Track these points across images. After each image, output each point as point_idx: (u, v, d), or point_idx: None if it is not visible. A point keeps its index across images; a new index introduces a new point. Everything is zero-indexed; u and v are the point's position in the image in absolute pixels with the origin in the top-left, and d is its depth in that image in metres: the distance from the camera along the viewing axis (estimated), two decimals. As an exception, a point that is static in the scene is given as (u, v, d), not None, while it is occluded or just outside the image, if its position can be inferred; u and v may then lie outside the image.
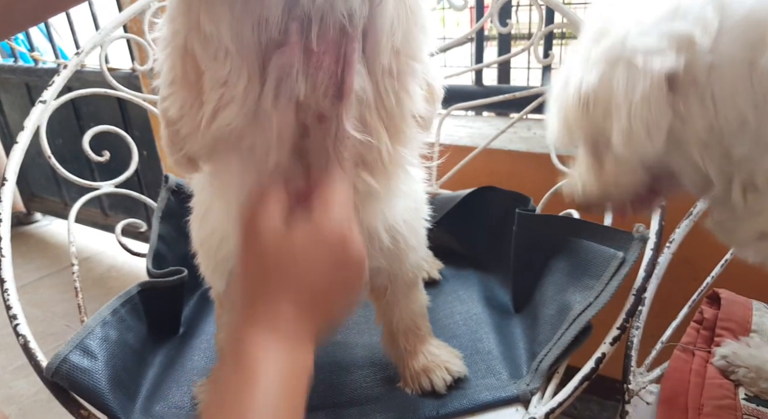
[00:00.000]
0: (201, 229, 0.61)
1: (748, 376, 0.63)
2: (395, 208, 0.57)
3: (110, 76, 0.96)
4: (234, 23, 0.39)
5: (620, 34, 0.47)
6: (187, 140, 0.45)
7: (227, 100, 0.41)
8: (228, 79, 0.41)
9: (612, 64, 0.47)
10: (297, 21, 0.38)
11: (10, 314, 0.68)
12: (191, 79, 0.43)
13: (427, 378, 0.68)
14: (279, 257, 0.41)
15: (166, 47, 0.45)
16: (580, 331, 0.66)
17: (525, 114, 1.00)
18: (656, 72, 0.44)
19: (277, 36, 0.39)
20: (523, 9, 1.25)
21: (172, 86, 0.45)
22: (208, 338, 0.84)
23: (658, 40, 0.45)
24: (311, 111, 0.43)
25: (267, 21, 0.38)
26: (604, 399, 1.22)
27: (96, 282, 1.97)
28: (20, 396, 1.46)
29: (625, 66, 0.46)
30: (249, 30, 0.39)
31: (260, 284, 0.41)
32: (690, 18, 0.44)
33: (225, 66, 0.40)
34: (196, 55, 0.42)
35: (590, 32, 0.51)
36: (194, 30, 0.41)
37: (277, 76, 0.40)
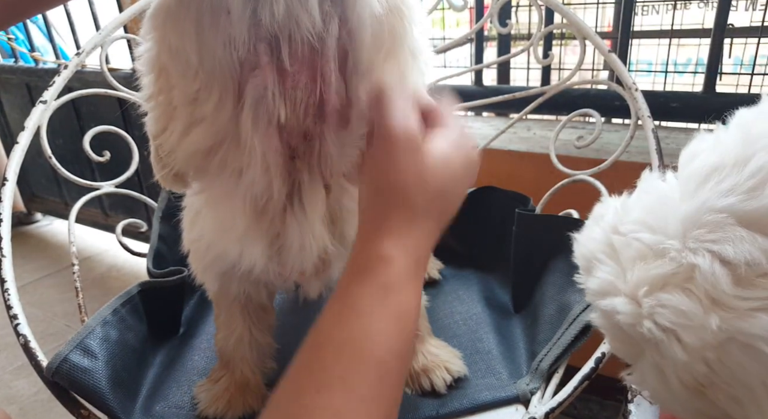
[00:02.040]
0: (191, 230, 0.62)
1: None
2: None
3: (111, 77, 0.96)
4: (203, 40, 0.38)
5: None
6: (170, 155, 0.45)
7: (198, 117, 0.40)
8: (198, 96, 0.40)
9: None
10: (264, 41, 0.37)
11: (10, 314, 0.68)
12: (165, 95, 0.42)
13: (426, 378, 0.68)
14: (441, 178, 0.41)
15: (145, 61, 0.44)
16: (580, 331, 0.66)
17: (525, 114, 1.00)
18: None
19: (248, 56, 0.38)
20: (523, 9, 1.25)
21: (150, 101, 0.44)
22: (208, 338, 0.84)
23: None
24: (295, 131, 0.42)
25: (235, 40, 0.37)
26: (604, 398, 1.22)
27: (96, 282, 1.97)
28: (20, 395, 1.46)
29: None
30: (220, 48, 0.38)
31: (417, 203, 0.40)
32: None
33: (194, 83, 0.39)
34: (169, 71, 0.41)
35: None
36: (165, 45, 0.40)
37: (253, 100, 0.39)
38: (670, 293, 0.31)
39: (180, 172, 0.47)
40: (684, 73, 1.21)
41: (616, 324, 0.35)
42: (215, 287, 0.65)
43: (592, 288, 0.37)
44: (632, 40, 1.09)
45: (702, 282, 0.30)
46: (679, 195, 0.35)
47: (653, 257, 0.33)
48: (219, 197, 0.50)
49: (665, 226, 0.33)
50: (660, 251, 0.33)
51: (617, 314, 0.34)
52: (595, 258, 0.37)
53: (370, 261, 0.38)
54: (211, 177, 0.48)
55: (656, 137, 0.80)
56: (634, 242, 0.34)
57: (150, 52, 0.42)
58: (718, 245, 0.30)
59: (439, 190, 0.40)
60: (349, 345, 0.35)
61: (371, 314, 0.36)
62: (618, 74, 0.86)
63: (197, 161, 0.44)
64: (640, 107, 0.83)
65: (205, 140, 0.41)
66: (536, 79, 1.23)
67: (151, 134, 0.46)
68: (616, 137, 1.11)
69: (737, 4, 1.06)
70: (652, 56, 1.23)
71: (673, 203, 0.34)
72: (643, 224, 0.35)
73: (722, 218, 0.31)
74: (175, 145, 0.42)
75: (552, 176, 0.90)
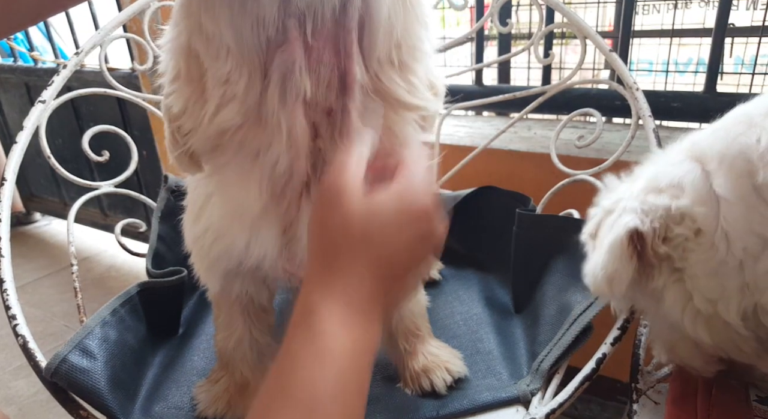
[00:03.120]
0: (194, 227, 0.61)
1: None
2: None
3: (110, 76, 0.96)
4: (233, 22, 0.39)
5: (621, 194, 0.52)
6: (190, 136, 0.46)
7: (229, 97, 0.42)
8: (229, 77, 0.41)
9: (605, 212, 0.53)
10: (294, 18, 0.38)
11: (9, 314, 0.68)
12: (194, 77, 0.43)
13: (427, 379, 0.68)
14: (367, 222, 0.38)
15: (170, 46, 0.45)
16: (581, 331, 0.65)
17: (525, 114, 1.00)
18: (622, 227, 0.47)
19: (275, 34, 0.39)
20: (524, 9, 1.25)
21: (175, 83, 0.45)
22: (207, 338, 0.83)
23: (638, 204, 0.48)
24: (319, 108, 0.43)
25: (264, 20, 0.38)
26: (605, 399, 1.21)
27: (95, 282, 1.97)
28: (19, 396, 1.46)
29: (610, 216, 0.51)
30: (248, 29, 0.39)
31: (341, 248, 0.39)
32: (663, 185, 0.48)
33: (226, 65, 0.40)
34: (199, 55, 0.42)
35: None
36: (196, 31, 0.41)
37: (280, 75, 0.40)
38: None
39: (195, 153, 0.48)
40: (685, 72, 1.21)
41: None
42: (217, 287, 0.65)
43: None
44: (633, 39, 1.09)
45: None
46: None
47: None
48: (233, 180, 0.51)
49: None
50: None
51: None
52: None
53: (301, 309, 0.38)
54: (226, 158, 0.48)
55: (657, 136, 0.80)
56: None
57: (179, 39, 0.43)
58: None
59: (364, 236, 0.38)
60: (281, 389, 0.36)
61: (299, 358, 0.36)
62: (619, 74, 0.86)
63: (220, 140, 0.45)
64: (641, 106, 0.83)
65: (235, 117, 0.42)
66: (537, 78, 1.23)
67: (170, 115, 0.47)
68: (617, 136, 1.11)
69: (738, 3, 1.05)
70: (653, 56, 1.23)
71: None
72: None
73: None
74: (206, 124, 0.43)
75: (552, 175, 0.90)
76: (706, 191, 0.46)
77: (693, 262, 0.47)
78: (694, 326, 0.49)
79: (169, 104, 0.46)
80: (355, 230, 0.38)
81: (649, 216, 0.47)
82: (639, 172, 0.55)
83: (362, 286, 0.38)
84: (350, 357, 0.36)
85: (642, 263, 0.48)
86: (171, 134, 0.48)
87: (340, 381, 0.35)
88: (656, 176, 0.49)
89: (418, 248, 0.41)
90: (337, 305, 0.38)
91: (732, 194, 0.45)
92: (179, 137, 0.47)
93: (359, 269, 0.39)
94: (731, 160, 0.45)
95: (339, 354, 0.36)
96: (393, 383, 0.71)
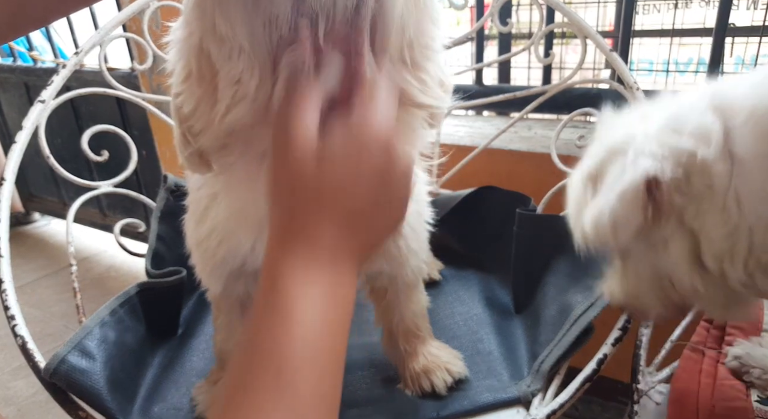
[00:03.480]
0: (198, 229, 0.61)
1: (763, 378, 0.62)
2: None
3: (109, 76, 0.96)
4: (247, 22, 0.39)
5: (630, 132, 0.48)
6: (200, 136, 0.45)
7: (240, 97, 0.41)
8: (241, 77, 0.41)
9: (611, 152, 0.48)
10: (306, 17, 0.38)
11: (8, 314, 0.68)
12: (206, 77, 0.43)
13: (427, 379, 0.68)
14: (316, 169, 0.36)
15: (181, 46, 0.45)
16: (582, 332, 0.65)
17: (525, 114, 1.00)
18: (640, 173, 0.44)
19: (286, 33, 0.39)
20: (524, 8, 1.25)
21: (186, 83, 0.45)
22: (206, 339, 0.83)
23: (657, 147, 0.45)
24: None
25: (277, 19, 0.38)
26: (606, 400, 1.21)
27: (95, 283, 1.96)
28: (18, 397, 1.45)
29: (620, 157, 0.47)
30: (260, 28, 0.39)
31: (295, 203, 0.37)
32: (689, 130, 0.44)
33: (239, 65, 0.40)
34: (211, 55, 0.42)
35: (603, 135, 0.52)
36: (209, 32, 0.41)
37: (288, 74, 0.40)
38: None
39: (205, 153, 0.48)
40: (685, 72, 1.21)
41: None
42: (219, 288, 0.65)
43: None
44: (633, 39, 1.09)
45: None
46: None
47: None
48: (240, 180, 0.51)
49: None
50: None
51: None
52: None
53: (264, 275, 0.37)
54: (233, 158, 0.48)
55: (658, 136, 0.80)
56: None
57: (191, 39, 0.43)
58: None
59: (317, 185, 0.36)
60: (249, 357, 0.35)
61: (264, 324, 0.35)
62: (619, 73, 0.86)
63: (228, 140, 0.45)
64: (641, 106, 0.83)
65: (246, 116, 0.42)
66: (537, 78, 1.23)
67: (180, 115, 0.46)
68: (617, 136, 1.10)
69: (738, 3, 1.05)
70: (653, 55, 1.23)
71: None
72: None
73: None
74: (217, 123, 0.43)
75: (553, 175, 0.89)
76: (723, 148, 0.43)
77: (704, 219, 0.44)
78: (691, 277, 0.47)
79: (179, 104, 0.46)
80: (307, 181, 0.36)
81: (669, 162, 0.43)
82: (646, 110, 0.50)
83: (324, 235, 0.37)
84: (319, 319, 0.35)
85: (653, 211, 0.45)
86: (181, 135, 0.48)
87: (308, 339, 0.34)
88: (678, 119, 0.45)
89: (381, 186, 0.38)
90: (299, 263, 0.36)
91: (752, 156, 0.42)
92: (190, 137, 0.47)
93: (317, 222, 0.37)
94: (762, 117, 0.41)
95: (304, 313, 0.35)
96: (393, 384, 0.71)
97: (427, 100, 0.46)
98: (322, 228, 0.37)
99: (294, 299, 0.35)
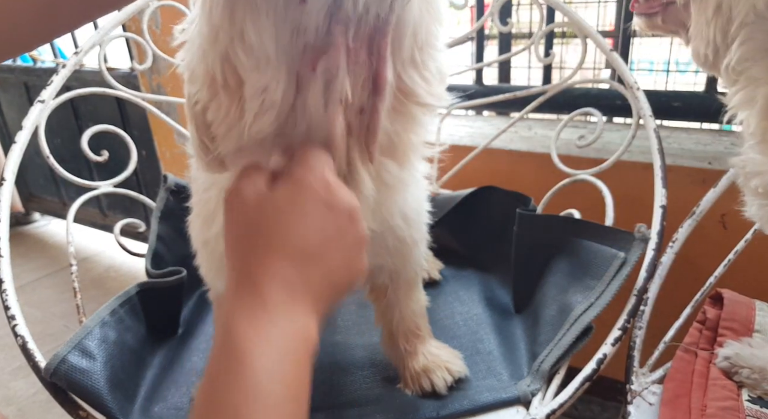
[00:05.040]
0: (205, 229, 0.61)
1: (752, 377, 0.63)
2: (408, 196, 0.58)
3: (109, 76, 0.96)
4: (276, 31, 0.39)
5: None
6: (221, 142, 0.46)
7: (267, 106, 0.42)
8: (268, 86, 0.41)
9: None
10: (341, 24, 0.39)
11: (8, 314, 0.68)
12: (231, 86, 0.43)
13: (427, 379, 0.68)
14: (261, 214, 0.38)
15: (204, 52, 0.44)
16: (582, 332, 0.65)
17: (525, 114, 1.00)
18: None
19: (313, 41, 0.39)
20: (524, 8, 1.25)
21: (210, 90, 0.45)
22: (207, 339, 0.83)
23: None
24: (353, 107, 0.43)
25: (306, 27, 0.39)
26: (605, 399, 1.21)
27: (95, 282, 1.96)
28: (19, 396, 1.45)
29: None
30: (287, 37, 0.39)
31: (244, 250, 0.38)
32: None
33: (266, 74, 0.41)
34: (237, 64, 0.42)
35: None
36: (238, 40, 0.41)
37: (325, 81, 0.41)
38: None
39: (223, 157, 0.48)
40: (686, 72, 1.21)
41: None
42: (222, 287, 0.65)
43: None
44: (634, 38, 1.09)
45: None
46: None
47: None
48: None
49: None
50: None
51: None
52: None
53: (218, 328, 0.39)
54: (248, 161, 0.47)
55: (658, 136, 0.80)
56: None
57: (216, 46, 0.43)
58: None
59: (262, 228, 0.38)
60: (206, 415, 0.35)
61: (218, 382, 0.35)
62: (619, 73, 0.86)
63: (253, 144, 0.45)
64: (641, 106, 0.83)
65: (272, 124, 0.43)
66: (537, 78, 1.23)
67: (199, 121, 0.46)
68: (617, 136, 1.10)
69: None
70: (653, 55, 1.23)
71: None
72: None
73: None
74: (244, 132, 0.43)
75: (553, 175, 0.90)
76: None
77: None
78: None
79: (199, 110, 0.46)
80: (253, 226, 0.38)
81: None
82: None
83: (276, 274, 0.37)
84: (273, 364, 0.35)
85: None
86: (200, 141, 0.48)
87: (262, 394, 0.34)
88: None
89: (327, 220, 0.39)
90: (250, 305, 0.36)
91: None
92: (209, 142, 0.47)
93: (266, 259, 0.37)
94: None
95: (257, 369, 0.34)
96: (393, 383, 0.71)
97: (432, 101, 0.47)
98: (273, 270, 0.37)
99: (245, 355, 0.34)
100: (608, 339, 0.63)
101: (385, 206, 0.54)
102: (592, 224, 0.75)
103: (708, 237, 0.87)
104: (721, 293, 0.76)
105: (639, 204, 0.85)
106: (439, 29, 0.46)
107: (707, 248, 0.82)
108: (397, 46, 0.42)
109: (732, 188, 0.76)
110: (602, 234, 0.72)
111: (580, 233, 0.75)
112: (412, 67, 0.44)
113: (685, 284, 0.78)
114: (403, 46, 0.43)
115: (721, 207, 0.76)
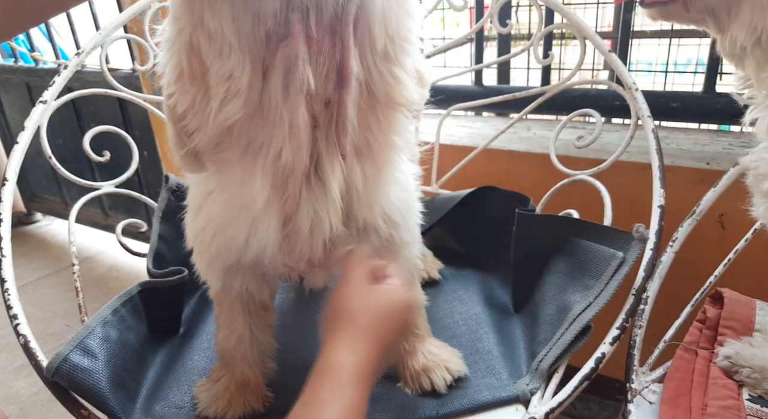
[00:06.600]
0: (194, 223, 0.62)
1: (752, 377, 0.63)
2: (389, 196, 0.58)
3: (111, 77, 0.96)
4: (235, 18, 0.39)
5: None
6: (195, 135, 0.46)
7: (232, 93, 0.42)
8: (232, 73, 0.41)
9: None
10: (297, 12, 0.39)
11: (10, 314, 0.68)
12: (198, 75, 0.43)
13: (427, 378, 0.68)
14: (368, 308, 0.53)
15: (171, 46, 0.45)
16: (580, 331, 0.66)
17: (525, 114, 1.00)
18: None
19: (274, 28, 0.40)
20: (523, 9, 1.25)
21: (179, 82, 0.45)
22: (208, 338, 0.84)
23: None
24: (318, 99, 0.43)
25: (265, 15, 0.39)
26: (604, 398, 1.22)
27: (96, 282, 1.97)
28: (21, 395, 1.46)
29: None
30: (249, 24, 0.39)
31: (354, 322, 0.51)
32: None
33: (229, 61, 0.41)
34: (202, 52, 0.42)
35: None
36: (198, 27, 0.41)
37: (284, 69, 0.41)
38: None
39: (200, 152, 0.49)
40: (684, 73, 1.21)
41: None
42: (218, 284, 0.65)
43: None
44: (632, 39, 1.09)
45: None
46: None
47: None
48: (235, 175, 0.51)
49: None
50: None
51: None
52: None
53: (330, 366, 0.48)
54: (228, 155, 0.49)
55: (656, 137, 0.80)
56: None
57: (181, 36, 0.43)
58: None
59: (377, 317, 0.52)
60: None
61: (330, 402, 0.45)
62: (618, 74, 0.87)
63: (223, 137, 0.46)
64: (640, 106, 0.83)
65: (238, 113, 0.43)
66: (536, 79, 1.23)
67: (174, 115, 0.47)
68: (616, 137, 1.11)
69: (737, 4, 1.05)
70: (652, 56, 1.23)
71: None
72: None
73: None
74: (209, 121, 0.45)
75: (552, 176, 0.90)
76: None
77: None
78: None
79: (172, 104, 0.46)
80: (372, 312, 0.52)
81: None
82: None
83: (374, 354, 0.50)
84: (360, 410, 0.46)
85: None
86: (176, 135, 0.48)
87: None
88: None
89: (401, 328, 0.55)
90: (358, 365, 0.48)
91: None
92: (185, 137, 0.47)
93: (372, 340, 0.50)
94: None
95: (356, 406, 0.45)
96: (393, 382, 0.71)
97: (403, 99, 0.48)
98: (371, 341, 0.50)
99: (349, 390, 0.46)
100: (607, 338, 0.64)
101: (363, 205, 0.55)
102: (591, 224, 0.75)
103: (706, 237, 0.87)
104: (721, 293, 0.76)
105: (637, 204, 0.86)
106: (412, 22, 0.46)
107: (705, 247, 0.83)
108: (364, 36, 0.42)
109: (730, 189, 0.77)
110: (601, 234, 0.73)
111: (579, 233, 0.75)
112: (385, 61, 0.44)
113: (685, 284, 0.78)
114: (374, 37, 0.43)
115: (720, 207, 0.76)
